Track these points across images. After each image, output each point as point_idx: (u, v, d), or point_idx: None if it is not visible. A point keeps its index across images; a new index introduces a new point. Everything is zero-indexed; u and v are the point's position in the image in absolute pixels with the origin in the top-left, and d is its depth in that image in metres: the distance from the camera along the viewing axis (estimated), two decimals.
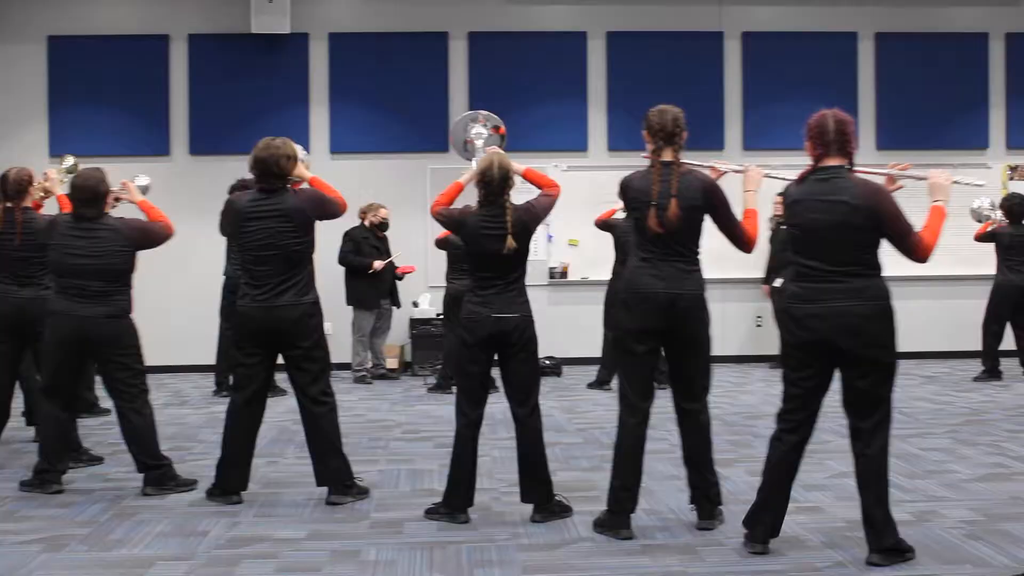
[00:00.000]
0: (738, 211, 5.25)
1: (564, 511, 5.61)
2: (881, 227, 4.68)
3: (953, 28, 13.44)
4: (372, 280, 11.53)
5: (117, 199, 6.67)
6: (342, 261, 11.54)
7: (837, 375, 4.83)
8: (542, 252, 12.82)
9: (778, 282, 11.70)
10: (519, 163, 5.86)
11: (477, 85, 12.99)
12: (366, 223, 11.66)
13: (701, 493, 5.37)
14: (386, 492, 6.31)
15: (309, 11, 12.89)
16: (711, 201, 5.15)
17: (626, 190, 5.27)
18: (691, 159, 5.33)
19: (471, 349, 5.58)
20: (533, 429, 5.65)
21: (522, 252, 5.61)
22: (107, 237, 6.12)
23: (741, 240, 5.24)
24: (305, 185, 6.37)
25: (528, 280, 5.74)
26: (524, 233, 5.58)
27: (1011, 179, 13.35)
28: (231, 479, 6.05)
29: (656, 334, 5.18)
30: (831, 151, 4.78)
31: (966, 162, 13.28)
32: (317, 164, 12.66)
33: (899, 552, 4.73)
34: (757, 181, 5.31)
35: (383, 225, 11.70)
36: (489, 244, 5.53)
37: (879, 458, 4.76)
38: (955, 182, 4.96)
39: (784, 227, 4.88)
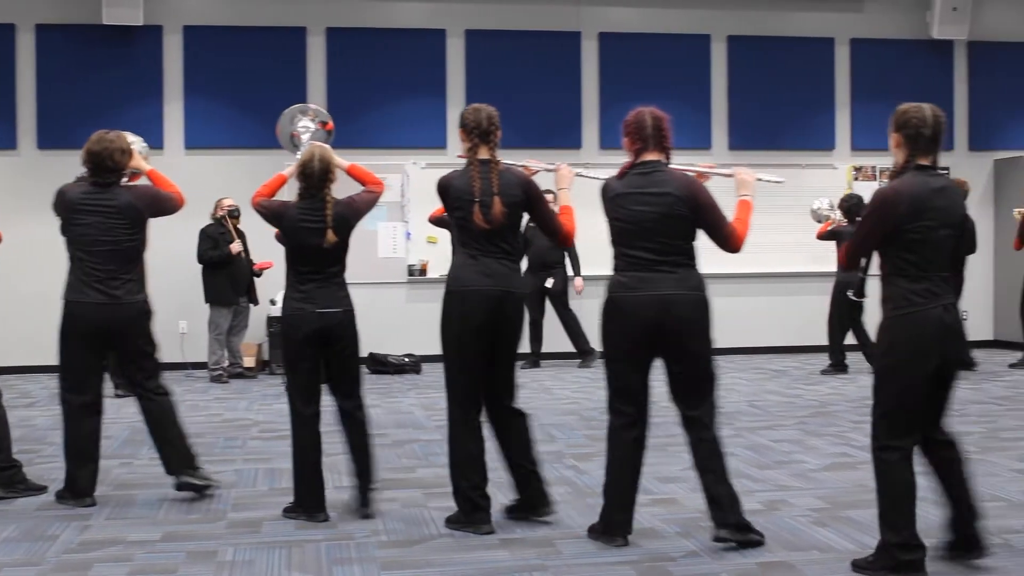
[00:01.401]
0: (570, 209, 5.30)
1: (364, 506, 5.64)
2: (700, 217, 4.89)
3: (801, 33, 13.86)
4: (230, 277, 11.36)
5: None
6: (201, 258, 11.35)
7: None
8: (401, 250, 12.81)
9: (549, 282, 11.99)
10: (347, 159, 5.84)
11: (335, 81, 12.90)
12: (219, 218, 11.48)
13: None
14: (243, 491, 6.23)
15: (163, 3, 12.62)
16: (530, 197, 5.24)
17: (447, 189, 5.25)
18: (550, 157, 5.42)
19: (298, 345, 5.53)
20: (361, 422, 5.67)
21: (343, 246, 5.59)
22: None
23: (559, 235, 5.35)
24: (144, 179, 6.21)
25: (387, 278, 5.76)
26: (344, 227, 5.57)
27: (856, 179, 13.82)
28: (80, 481, 5.89)
29: (485, 331, 5.19)
30: (649, 146, 4.96)
31: (813, 162, 13.74)
32: (171, 159, 12.47)
33: (748, 528, 4.88)
34: (569, 179, 5.42)
35: (233, 212, 11.46)
36: (309, 238, 5.49)
37: (716, 440, 4.95)
38: (759, 179, 5.26)
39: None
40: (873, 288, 8.37)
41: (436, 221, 10.58)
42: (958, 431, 7.70)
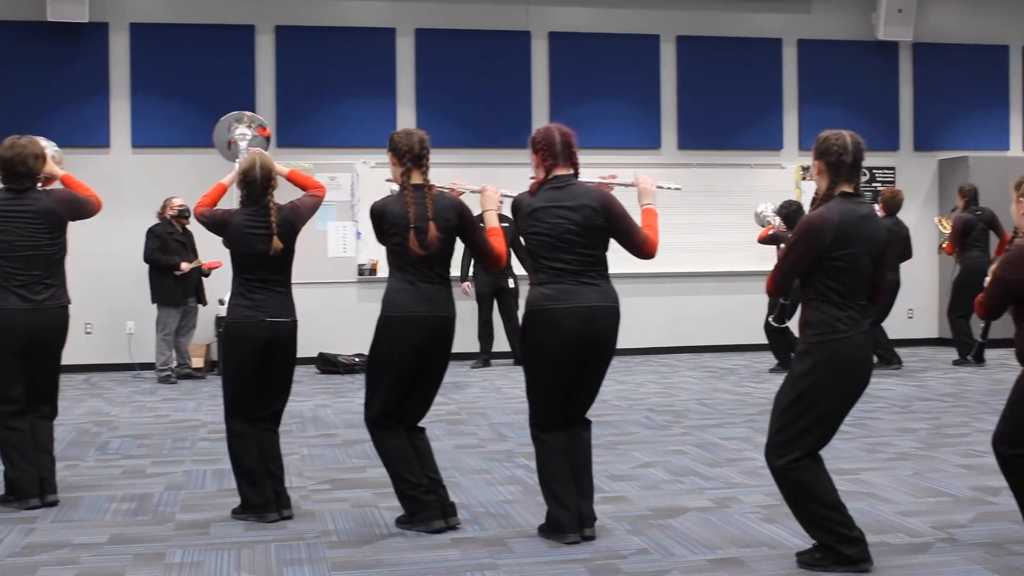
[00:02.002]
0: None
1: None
2: (615, 226, 4.97)
3: (750, 33, 13.96)
4: (177, 277, 11.26)
5: None
6: (148, 259, 11.23)
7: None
8: (351, 249, 12.76)
9: (511, 282, 12.08)
10: (297, 158, 5.81)
11: (285, 80, 12.82)
12: (167, 217, 11.38)
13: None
14: (192, 493, 6.18)
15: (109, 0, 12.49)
16: (463, 220, 5.25)
17: (381, 216, 5.21)
18: (501, 156, 5.42)
19: (246, 354, 5.47)
20: (275, 433, 5.65)
21: (289, 252, 5.57)
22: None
23: (489, 257, 5.34)
24: (58, 184, 6.11)
25: (337, 277, 5.73)
26: (290, 233, 5.55)
27: (803, 179, 13.93)
28: (22, 484, 5.80)
29: (417, 356, 5.18)
30: (560, 161, 5.02)
31: (762, 162, 13.85)
32: (118, 158, 12.35)
33: (592, 518, 5.04)
34: (494, 201, 5.40)
35: (184, 212, 11.37)
36: (255, 244, 5.46)
37: (590, 444, 5.13)
38: (659, 187, 5.32)
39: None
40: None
41: (379, 239, 10.61)
42: (905, 428, 7.84)
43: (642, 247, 5.02)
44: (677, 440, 7.66)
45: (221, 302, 12.13)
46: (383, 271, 12.81)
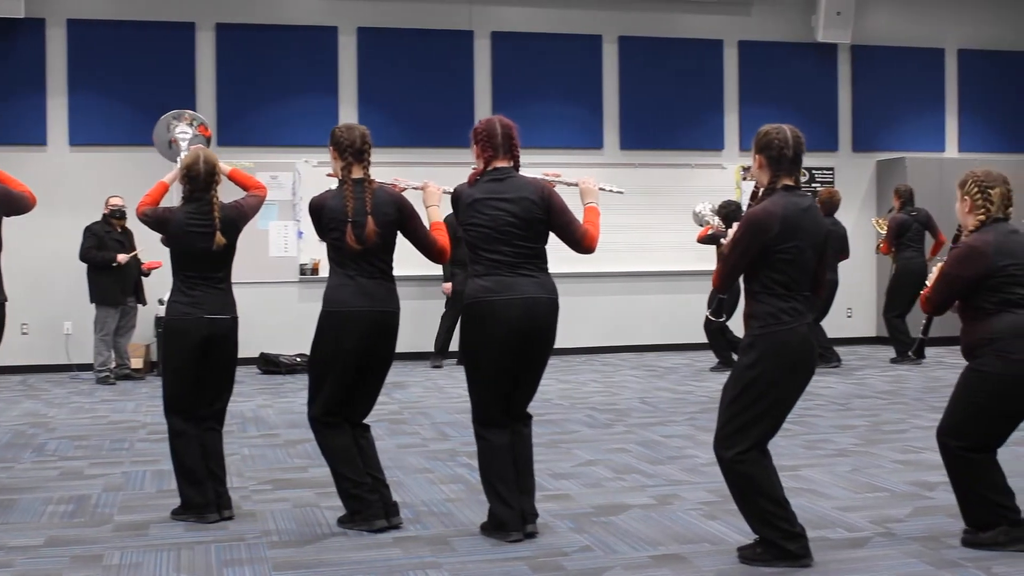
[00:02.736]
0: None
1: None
2: (553, 218, 4.97)
3: (691, 34, 14.06)
4: (116, 276, 11.12)
5: None
6: (84, 257, 11.09)
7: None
8: (292, 249, 12.67)
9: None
10: (237, 157, 5.77)
11: (225, 78, 12.72)
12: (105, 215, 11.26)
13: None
14: (130, 494, 6.11)
15: None
16: (403, 214, 5.22)
17: (320, 211, 5.21)
18: (443, 156, 5.40)
19: (185, 351, 5.43)
20: (218, 432, 5.62)
21: (230, 250, 5.53)
22: None
23: (432, 251, 5.30)
24: None
25: (279, 277, 5.69)
26: (233, 230, 5.52)
27: (744, 179, 14.05)
28: None
29: (358, 351, 5.17)
30: (500, 154, 5.02)
31: (703, 162, 13.95)
32: (55, 156, 12.18)
33: (534, 515, 5.07)
34: (436, 197, 5.38)
35: (116, 213, 11.23)
36: (196, 241, 5.42)
37: (530, 440, 5.13)
38: (601, 188, 5.34)
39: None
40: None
41: (319, 234, 10.55)
42: (843, 425, 7.92)
43: (581, 241, 5.02)
44: (619, 438, 7.69)
45: (161, 302, 12.00)
46: (325, 271, 12.74)
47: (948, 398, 4.87)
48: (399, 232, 5.25)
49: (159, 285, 11.92)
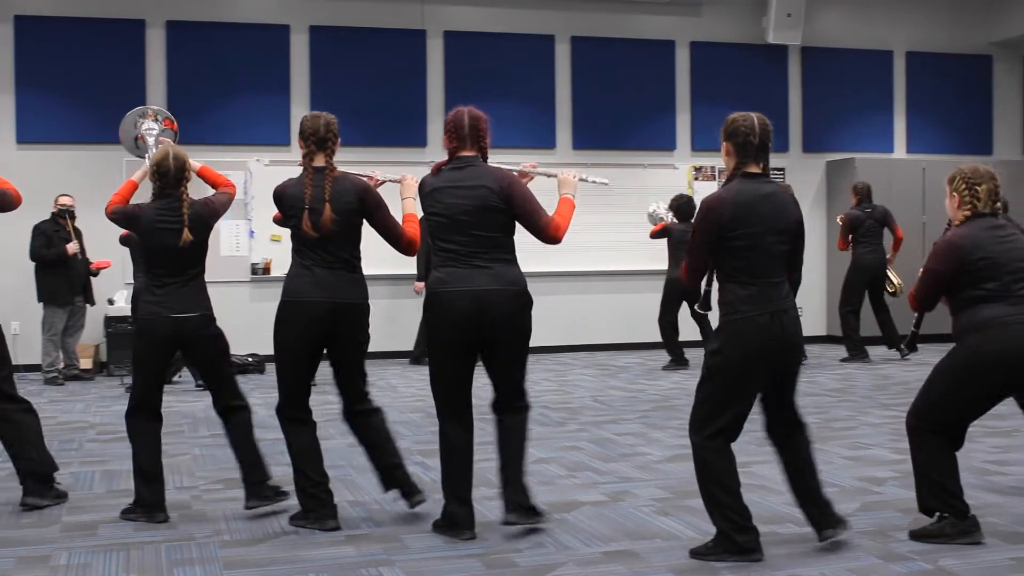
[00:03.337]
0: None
1: (279, 495, 5.52)
2: (514, 208, 4.92)
3: (643, 35, 14.13)
4: (64, 276, 11.00)
5: None
6: (34, 256, 10.96)
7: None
8: (244, 248, 12.60)
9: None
10: (199, 159, 5.74)
11: (175, 76, 12.62)
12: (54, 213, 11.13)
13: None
14: (79, 495, 6.03)
15: None
16: (366, 203, 5.19)
17: (280, 198, 5.22)
18: (393, 155, 5.38)
19: (149, 349, 5.43)
20: (243, 421, 5.58)
21: (201, 247, 5.51)
22: None
23: (400, 243, 5.27)
24: None
25: (230, 276, 5.66)
26: (202, 228, 5.49)
27: (696, 179, 14.14)
28: None
29: (316, 342, 5.18)
30: (467, 144, 5.01)
31: (655, 162, 14.01)
32: (2, 154, 12.01)
33: (537, 512, 5.02)
34: (413, 189, 5.34)
35: (63, 212, 11.10)
36: (166, 238, 5.39)
37: (524, 426, 5.10)
38: (582, 179, 5.33)
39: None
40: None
41: (281, 222, 10.52)
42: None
43: (545, 230, 4.95)
44: (572, 436, 7.71)
45: (110, 302, 11.92)
46: (277, 270, 12.72)
47: (896, 395, 4.93)
48: (367, 223, 5.22)
49: (108, 285, 11.84)
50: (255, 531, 5.22)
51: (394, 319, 12.46)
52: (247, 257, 12.63)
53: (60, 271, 10.99)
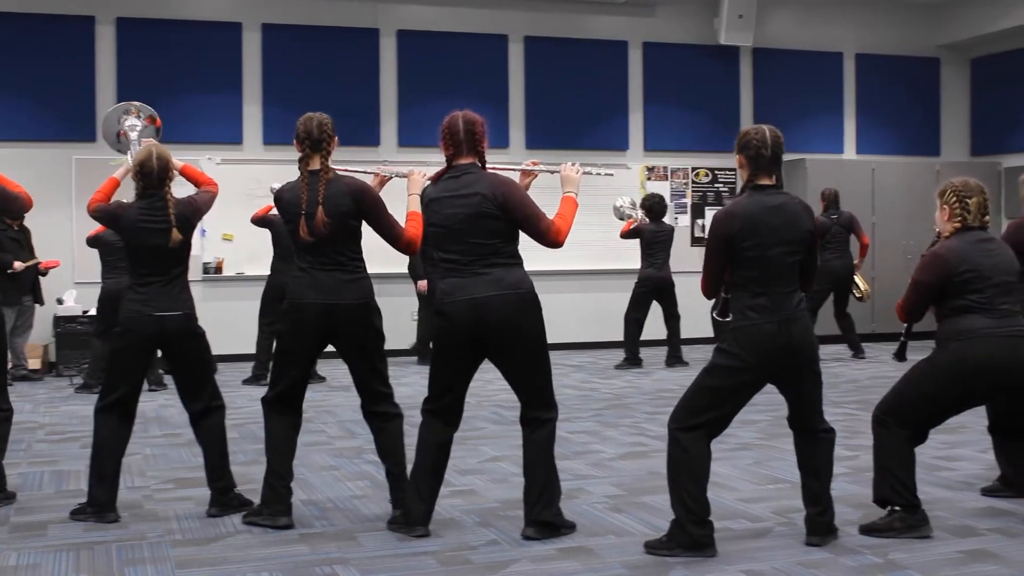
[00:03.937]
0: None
1: (243, 505, 5.47)
2: (512, 214, 4.86)
3: (596, 35, 14.18)
4: (12, 275, 10.86)
5: None
6: None
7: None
8: (196, 247, 12.43)
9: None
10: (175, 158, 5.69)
11: (126, 73, 12.49)
12: None
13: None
14: (28, 495, 5.97)
15: None
16: (362, 205, 5.14)
17: (279, 202, 5.24)
18: (346, 154, 5.36)
19: (129, 348, 5.39)
20: (214, 424, 5.54)
21: (185, 246, 5.47)
22: None
23: (399, 242, 5.21)
24: None
25: None
26: (187, 227, 5.45)
27: (648, 179, 14.21)
28: None
29: (314, 344, 5.19)
30: (462, 150, 4.95)
31: (608, 162, 14.02)
32: None
33: (554, 528, 4.96)
34: (419, 185, 5.33)
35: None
36: (150, 238, 5.35)
37: (546, 441, 5.03)
38: (586, 172, 5.30)
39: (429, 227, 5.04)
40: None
41: (259, 221, 10.48)
42: (746, 419, 8.04)
43: (546, 234, 4.89)
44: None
45: (59, 301, 11.79)
46: (228, 269, 12.65)
47: (845, 393, 4.99)
48: (365, 223, 5.19)
49: (57, 284, 11.71)
50: (208, 530, 5.18)
51: (390, 317, 12.39)
52: (199, 256, 12.51)
53: (6, 271, 10.84)
